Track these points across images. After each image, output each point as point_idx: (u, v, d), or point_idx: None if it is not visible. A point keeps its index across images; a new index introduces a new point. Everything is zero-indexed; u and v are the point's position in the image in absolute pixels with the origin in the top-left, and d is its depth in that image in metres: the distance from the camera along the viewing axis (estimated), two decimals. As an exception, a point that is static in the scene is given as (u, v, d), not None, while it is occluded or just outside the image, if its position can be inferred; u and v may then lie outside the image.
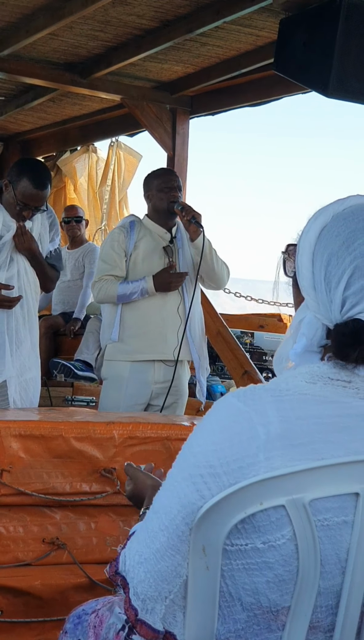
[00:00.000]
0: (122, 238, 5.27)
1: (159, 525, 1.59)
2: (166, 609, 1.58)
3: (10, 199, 4.70)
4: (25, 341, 4.83)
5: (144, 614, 1.58)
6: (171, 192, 5.30)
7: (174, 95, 8.01)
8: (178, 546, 1.57)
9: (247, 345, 7.49)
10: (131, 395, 5.18)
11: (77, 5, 6.03)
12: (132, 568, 1.61)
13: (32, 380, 4.88)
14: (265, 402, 1.57)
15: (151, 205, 5.39)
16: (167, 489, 1.61)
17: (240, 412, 1.57)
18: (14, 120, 9.62)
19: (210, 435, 1.58)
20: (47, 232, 4.94)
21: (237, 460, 1.54)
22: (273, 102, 7.65)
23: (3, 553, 3.33)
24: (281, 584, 1.54)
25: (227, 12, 6.01)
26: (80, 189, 10.03)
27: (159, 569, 1.58)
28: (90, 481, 3.48)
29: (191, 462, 1.58)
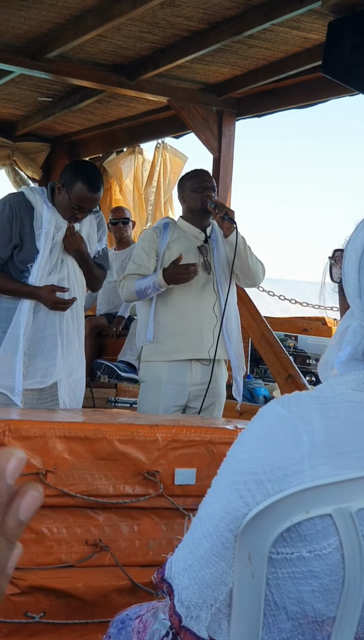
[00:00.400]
0: (154, 238, 5.29)
1: (204, 532, 1.58)
2: (212, 617, 1.57)
3: (63, 201, 4.72)
4: (74, 342, 4.86)
5: (188, 621, 1.57)
6: (205, 192, 5.31)
7: (221, 97, 8.00)
8: (222, 553, 1.56)
9: (291, 348, 7.46)
10: (169, 398, 5.18)
11: (126, 7, 6.04)
12: (177, 574, 1.61)
13: (79, 381, 4.90)
14: (310, 410, 1.56)
15: (185, 206, 5.42)
16: (212, 495, 1.60)
17: (284, 420, 1.55)
18: (61, 122, 9.67)
19: (254, 442, 1.57)
20: (95, 233, 4.96)
21: (281, 468, 1.52)
22: (320, 105, 7.62)
23: (46, 554, 3.34)
24: (326, 594, 1.52)
25: (276, 14, 6.00)
26: (125, 190, 10.05)
27: (203, 576, 1.57)
28: (133, 484, 3.49)
29: (235, 469, 1.57)
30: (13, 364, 4.66)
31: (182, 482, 3.56)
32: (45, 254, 4.72)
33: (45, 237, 4.70)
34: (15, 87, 8.53)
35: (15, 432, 3.29)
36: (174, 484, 3.55)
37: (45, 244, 4.71)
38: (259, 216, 39.32)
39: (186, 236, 5.33)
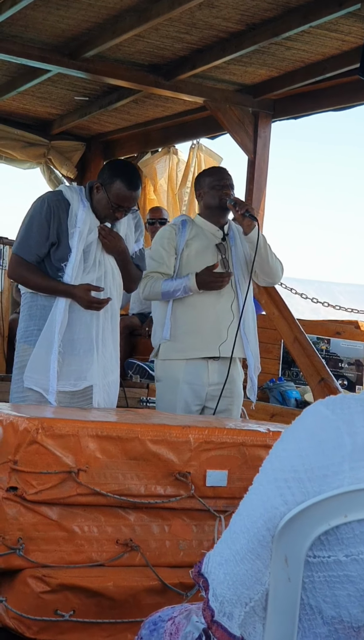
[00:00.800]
0: (172, 235, 5.27)
1: (241, 527, 1.58)
2: (245, 616, 1.57)
3: (102, 200, 4.72)
4: (108, 344, 4.85)
5: (220, 616, 1.57)
6: (223, 190, 5.28)
7: (257, 99, 7.99)
8: (258, 551, 1.56)
9: (323, 351, 7.43)
10: (186, 399, 5.15)
11: (164, 7, 6.05)
12: (214, 569, 1.61)
13: (113, 383, 4.89)
14: (354, 412, 1.56)
15: (202, 203, 5.38)
16: (252, 492, 1.61)
17: (328, 420, 1.56)
18: (96, 121, 9.69)
19: (296, 441, 1.58)
20: (132, 233, 4.96)
21: (321, 467, 1.52)
22: (357, 107, 7.59)
23: (77, 553, 3.35)
24: (362, 599, 1.52)
25: (314, 16, 5.98)
26: (160, 190, 10.05)
27: (238, 572, 1.57)
28: (164, 484, 3.49)
29: (276, 466, 1.57)
30: (47, 362, 4.66)
31: (213, 484, 3.56)
32: (79, 253, 4.71)
33: (78, 236, 4.70)
34: (52, 85, 8.56)
35: (48, 430, 3.30)
36: (206, 486, 3.55)
37: (78, 244, 4.70)
38: (293, 218, 39.36)
39: (204, 234, 5.31)
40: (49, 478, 3.30)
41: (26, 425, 3.30)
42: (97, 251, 4.77)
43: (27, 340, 4.76)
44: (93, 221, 4.76)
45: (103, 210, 4.73)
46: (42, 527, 3.31)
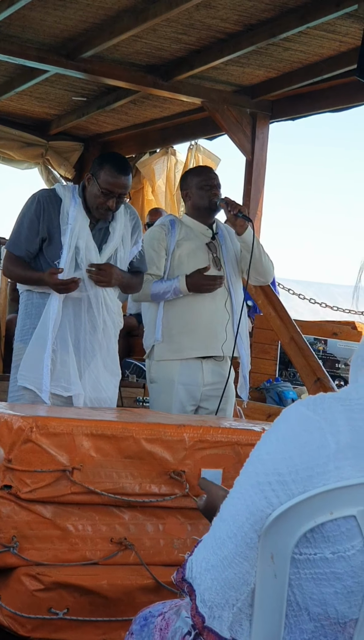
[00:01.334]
0: (162, 236, 5.23)
1: (227, 533, 1.58)
2: (234, 616, 1.58)
3: (94, 191, 4.72)
4: (95, 358, 4.84)
5: (211, 621, 1.58)
6: (212, 190, 5.23)
7: (255, 100, 8.00)
8: (246, 553, 1.56)
9: (320, 352, 7.44)
10: (181, 399, 5.15)
11: (162, 8, 6.06)
12: (199, 575, 1.61)
13: (105, 402, 4.86)
14: (335, 411, 1.56)
15: (189, 203, 5.32)
16: (234, 496, 1.61)
17: (310, 421, 1.56)
18: (94, 122, 9.70)
19: (279, 443, 1.58)
20: (129, 234, 4.95)
21: (306, 469, 1.53)
22: (355, 108, 7.60)
23: (71, 551, 3.35)
24: (349, 596, 1.52)
25: (312, 17, 5.99)
26: (158, 191, 10.06)
27: (227, 577, 1.57)
28: (159, 483, 3.49)
29: (260, 469, 1.57)
30: (41, 360, 4.67)
31: (208, 483, 3.55)
32: (71, 250, 4.72)
33: (70, 233, 4.72)
34: (50, 86, 8.57)
35: (42, 429, 3.30)
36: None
37: (70, 240, 4.72)
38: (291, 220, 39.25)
39: (194, 233, 5.27)
40: (44, 476, 3.30)
41: (20, 423, 3.31)
42: (87, 251, 4.76)
43: (23, 339, 4.77)
44: (84, 219, 4.76)
45: (95, 201, 4.72)
46: (36, 526, 3.32)
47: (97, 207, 4.73)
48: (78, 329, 4.77)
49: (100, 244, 4.83)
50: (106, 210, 4.73)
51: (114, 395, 4.94)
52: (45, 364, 4.66)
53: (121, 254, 4.89)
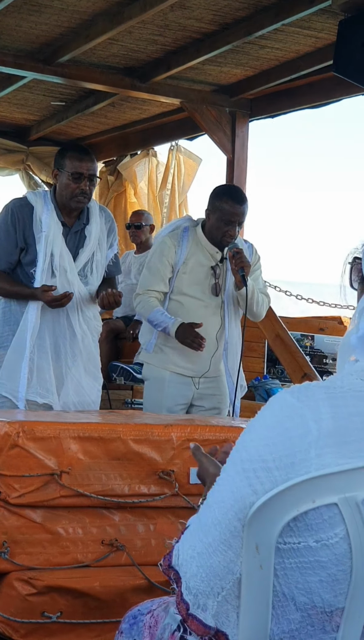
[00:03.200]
0: (172, 253, 5.11)
1: (212, 520, 1.59)
2: (218, 606, 1.58)
3: (65, 181, 4.74)
4: (76, 363, 4.85)
5: (195, 609, 1.59)
6: (230, 229, 5.06)
7: (234, 99, 8.01)
8: (230, 541, 1.57)
9: (308, 348, 7.46)
10: (173, 397, 5.15)
11: (136, 10, 6.06)
12: (185, 562, 1.62)
13: (90, 406, 4.88)
14: (318, 399, 1.57)
15: (208, 224, 5.15)
16: (221, 483, 1.62)
17: (293, 408, 1.57)
18: (74, 126, 9.70)
19: (263, 430, 1.59)
20: (105, 237, 4.96)
21: (289, 455, 1.53)
22: (333, 104, 7.62)
23: (62, 554, 3.35)
24: (334, 584, 1.53)
25: (286, 14, 6.00)
26: (140, 193, 10.06)
27: (211, 564, 1.58)
28: (148, 483, 3.49)
29: (244, 456, 1.58)
30: (19, 368, 4.69)
31: (197, 481, 3.51)
32: (47, 257, 4.73)
33: (45, 241, 4.73)
34: (29, 92, 8.56)
35: (29, 434, 3.30)
36: (190, 483, 3.55)
37: (45, 248, 4.73)
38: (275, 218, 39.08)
39: (203, 252, 5.15)
40: (32, 481, 3.30)
41: (7, 429, 3.31)
42: (60, 257, 4.78)
43: (3, 345, 4.78)
44: (57, 225, 4.77)
45: (68, 191, 4.74)
46: (26, 530, 3.31)
47: (71, 197, 4.75)
48: (57, 335, 4.79)
49: (76, 248, 4.84)
50: (82, 196, 4.74)
51: (97, 399, 4.96)
52: (23, 372, 4.68)
53: (98, 257, 4.91)
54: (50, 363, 4.76)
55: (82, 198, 4.75)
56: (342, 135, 34.81)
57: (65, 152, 4.84)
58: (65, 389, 4.80)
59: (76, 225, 4.84)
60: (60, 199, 4.79)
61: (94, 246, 4.88)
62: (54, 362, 4.78)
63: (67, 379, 4.81)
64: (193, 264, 5.14)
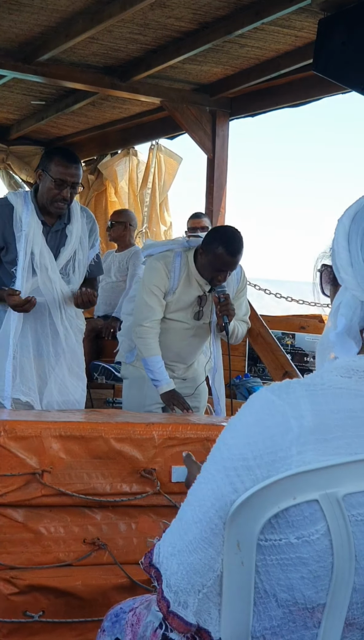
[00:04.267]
0: (165, 282, 5.05)
1: (193, 518, 1.59)
2: (199, 603, 1.58)
3: (47, 184, 4.73)
4: (60, 362, 4.86)
5: (176, 606, 1.59)
6: (219, 275, 4.99)
7: (214, 97, 8.01)
8: (211, 539, 1.57)
9: (289, 346, 7.47)
10: (152, 396, 5.16)
11: (116, 9, 6.05)
12: (166, 560, 1.62)
13: (73, 405, 4.89)
14: (299, 396, 1.57)
15: (200, 259, 5.05)
16: (201, 482, 1.62)
17: (274, 406, 1.57)
18: (54, 125, 9.68)
19: (244, 428, 1.59)
20: (86, 237, 4.95)
21: (270, 453, 1.54)
22: (313, 103, 7.63)
23: (44, 553, 3.35)
24: (315, 580, 1.54)
25: (266, 13, 6.00)
26: (121, 192, 10.06)
27: (192, 562, 1.58)
28: (130, 482, 3.49)
29: (225, 455, 1.59)
30: (3, 367, 4.69)
31: (179, 480, 3.56)
32: (27, 256, 4.73)
33: (25, 240, 4.72)
34: (8, 91, 8.54)
35: (10, 433, 3.30)
36: (171, 482, 3.55)
37: (25, 246, 4.73)
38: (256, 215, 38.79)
39: (192, 284, 5.09)
40: (13, 480, 3.30)
41: (-12, 428, 3.30)
42: (41, 256, 4.77)
43: None
44: (38, 224, 4.77)
45: (49, 195, 4.74)
46: (8, 530, 3.31)
47: (52, 201, 4.74)
48: (39, 334, 4.80)
49: (57, 247, 4.84)
50: (62, 202, 4.74)
51: (82, 398, 4.96)
52: (7, 371, 4.68)
53: (80, 256, 4.91)
54: (32, 361, 4.76)
55: (61, 204, 4.75)
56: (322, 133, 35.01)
57: (53, 155, 4.81)
58: (48, 388, 4.80)
59: (57, 225, 4.84)
60: (40, 199, 4.79)
61: (76, 245, 4.87)
62: (36, 361, 4.78)
63: (51, 378, 4.81)
64: (181, 293, 5.10)
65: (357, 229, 1.69)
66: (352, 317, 1.67)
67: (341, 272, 1.69)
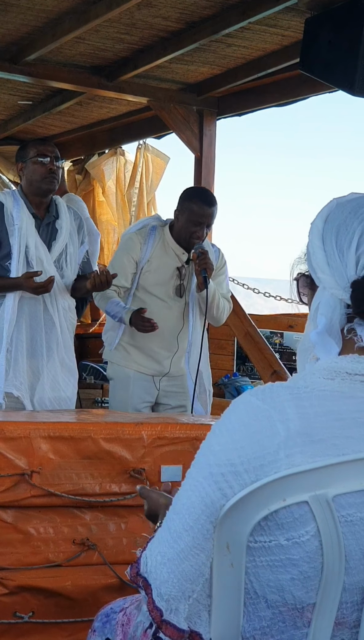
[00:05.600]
0: (137, 249, 5.15)
1: (183, 526, 1.59)
2: (190, 608, 1.58)
3: (31, 167, 4.80)
4: (52, 358, 4.86)
5: (168, 614, 1.59)
6: (198, 231, 5.07)
7: (201, 97, 8.01)
8: (203, 545, 1.57)
9: (277, 345, 7.48)
10: (138, 395, 5.17)
11: (103, 9, 6.04)
12: (155, 569, 1.61)
13: (65, 402, 4.89)
14: (283, 400, 1.58)
15: (176, 224, 5.16)
16: (187, 489, 1.61)
17: (259, 410, 1.57)
18: (42, 125, 9.66)
19: (230, 433, 1.59)
20: (75, 231, 4.99)
21: (258, 458, 1.54)
22: (300, 102, 7.64)
23: (34, 554, 3.35)
24: (305, 581, 1.54)
25: (253, 12, 6.00)
26: (108, 192, 10.05)
27: (183, 569, 1.58)
28: (119, 482, 3.50)
29: (212, 461, 1.58)
30: None
31: (168, 479, 3.56)
32: (22, 250, 4.76)
33: (18, 233, 4.75)
34: (-5, 91, 8.53)
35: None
36: (161, 481, 3.55)
37: (19, 240, 4.75)
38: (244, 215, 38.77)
39: (168, 253, 5.17)
40: (2, 481, 3.30)
41: (-23, 429, 3.30)
42: (36, 249, 4.79)
43: None
44: (29, 218, 4.80)
45: (36, 175, 4.79)
46: (-3, 531, 3.31)
47: (42, 179, 4.81)
48: (34, 329, 4.80)
49: (49, 241, 4.87)
50: (50, 175, 4.81)
51: (73, 395, 4.97)
52: (1, 364, 4.69)
53: (71, 250, 4.94)
54: (25, 356, 4.77)
55: (51, 178, 4.83)
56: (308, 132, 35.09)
57: (26, 143, 4.95)
58: (41, 384, 4.81)
59: (47, 218, 4.87)
60: (29, 190, 4.83)
61: (66, 238, 4.92)
62: (30, 356, 4.79)
63: (43, 374, 4.82)
64: (158, 264, 5.14)
65: (331, 228, 1.71)
66: (332, 315, 1.67)
67: (318, 272, 1.70)
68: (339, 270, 1.66)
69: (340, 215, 1.71)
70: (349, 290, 1.64)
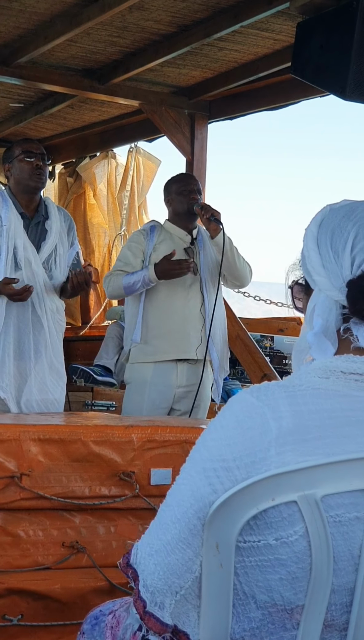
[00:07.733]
0: (141, 239, 5.34)
1: (171, 518, 1.60)
2: (176, 604, 1.59)
3: (18, 165, 4.84)
4: (40, 360, 4.86)
5: (152, 607, 1.59)
6: (191, 195, 5.36)
7: (192, 100, 8.02)
8: (189, 540, 1.58)
9: (267, 349, 7.48)
10: (153, 400, 5.19)
11: (95, 12, 6.04)
12: (143, 560, 1.62)
13: (53, 404, 4.89)
14: (278, 398, 1.58)
15: (171, 209, 5.45)
16: (180, 482, 1.63)
17: (253, 407, 1.58)
18: (33, 127, 9.66)
19: (224, 429, 1.60)
20: (65, 233, 5.00)
21: (249, 454, 1.55)
22: (292, 106, 7.65)
23: (23, 557, 3.34)
24: (294, 582, 1.54)
25: (245, 16, 6.01)
26: (99, 194, 10.05)
27: (169, 562, 1.59)
28: (109, 485, 3.49)
29: (205, 456, 1.59)
30: None
31: (158, 482, 3.56)
32: (10, 251, 4.76)
33: (6, 234, 4.76)
34: (-14, 93, 8.52)
35: (-11, 436, 3.29)
36: (150, 484, 3.56)
37: (7, 241, 4.75)
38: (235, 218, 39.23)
39: (173, 238, 5.37)
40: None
41: (-34, 431, 3.29)
42: (24, 249, 4.80)
43: None
44: (18, 219, 4.80)
45: (24, 173, 4.82)
46: (-14, 533, 3.30)
47: (30, 177, 4.83)
48: (22, 330, 4.79)
49: (38, 241, 4.87)
50: (37, 172, 4.84)
51: (62, 397, 4.96)
52: None
53: (61, 251, 4.95)
54: (12, 358, 4.76)
55: (38, 175, 4.86)
56: (300, 136, 35.17)
57: (11, 144, 5.04)
58: (28, 386, 4.80)
59: (36, 217, 4.88)
60: (17, 189, 4.85)
61: (56, 239, 4.92)
62: (17, 358, 4.79)
63: (31, 376, 4.81)
64: (165, 248, 5.26)
65: (325, 232, 1.72)
66: (328, 316, 1.68)
67: (313, 275, 1.71)
68: (334, 272, 1.68)
69: (334, 219, 1.73)
70: (344, 291, 1.65)
